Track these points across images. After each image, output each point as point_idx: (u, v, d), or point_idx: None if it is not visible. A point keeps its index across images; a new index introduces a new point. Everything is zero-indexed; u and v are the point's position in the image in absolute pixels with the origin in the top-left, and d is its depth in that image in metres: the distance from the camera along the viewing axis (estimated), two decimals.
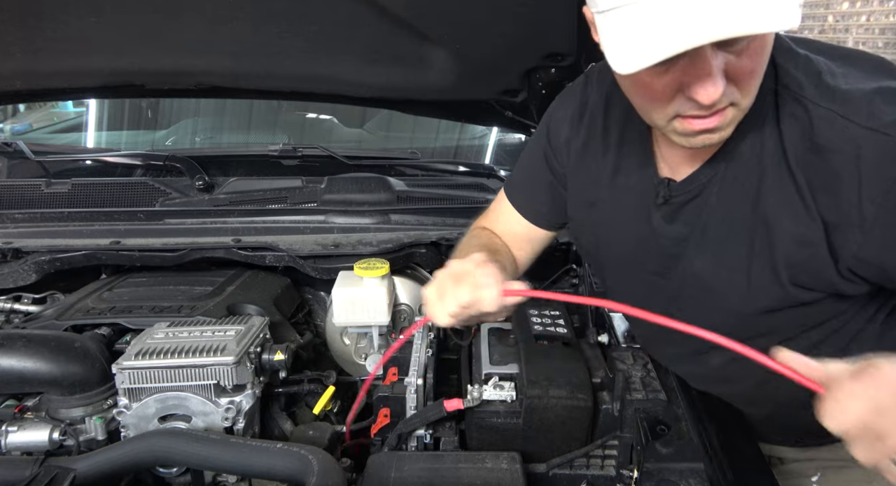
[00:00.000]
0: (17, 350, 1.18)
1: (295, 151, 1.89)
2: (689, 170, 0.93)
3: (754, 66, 0.75)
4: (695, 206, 0.93)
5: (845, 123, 0.77)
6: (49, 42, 1.53)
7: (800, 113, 0.81)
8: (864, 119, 0.76)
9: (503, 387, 1.14)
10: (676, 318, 1.07)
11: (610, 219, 1.07)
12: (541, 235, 1.24)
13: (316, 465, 0.94)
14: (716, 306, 0.97)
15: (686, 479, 0.99)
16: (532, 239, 1.24)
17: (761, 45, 0.74)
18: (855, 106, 0.78)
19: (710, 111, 0.77)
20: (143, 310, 1.40)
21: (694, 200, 0.93)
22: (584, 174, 1.10)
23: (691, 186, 0.93)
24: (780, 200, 0.83)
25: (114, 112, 2.40)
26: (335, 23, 1.46)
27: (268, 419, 1.31)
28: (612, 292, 1.23)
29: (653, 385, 1.17)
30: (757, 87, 0.79)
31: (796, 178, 0.82)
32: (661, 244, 1.00)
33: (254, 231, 1.71)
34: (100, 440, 1.18)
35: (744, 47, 0.72)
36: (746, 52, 0.73)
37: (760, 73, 0.77)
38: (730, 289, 0.94)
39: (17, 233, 1.69)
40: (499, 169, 1.94)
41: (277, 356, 1.25)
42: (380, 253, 1.59)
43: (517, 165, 1.28)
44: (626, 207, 1.03)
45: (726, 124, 0.81)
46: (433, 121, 2.23)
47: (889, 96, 0.77)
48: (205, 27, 1.49)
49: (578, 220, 1.16)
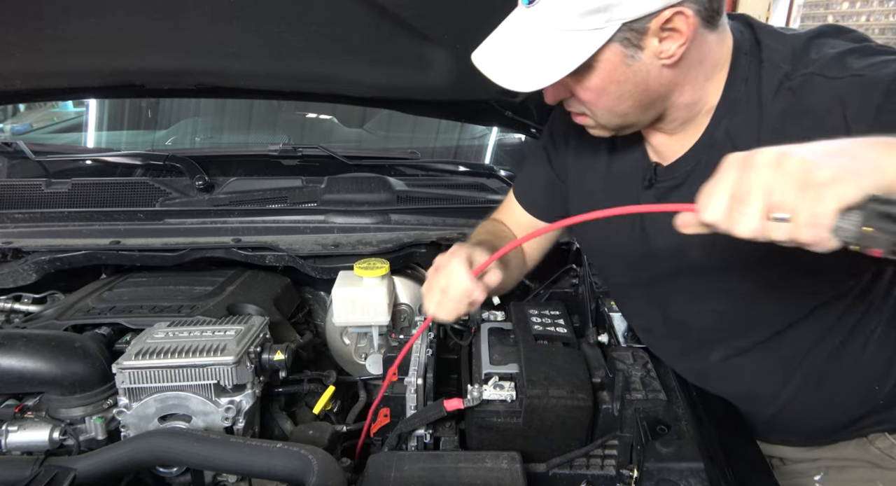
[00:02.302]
0: (17, 350, 1.18)
1: (295, 151, 1.89)
2: (674, 157, 1.00)
3: (588, 97, 0.92)
4: (681, 193, 0.98)
5: (823, 81, 0.83)
6: (49, 42, 1.53)
7: (785, 88, 0.87)
8: (840, 72, 0.82)
9: (503, 387, 1.14)
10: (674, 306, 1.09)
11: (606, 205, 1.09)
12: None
13: (316, 465, 0.94)
14: (710, 288, 1.00)
15: (686, 479, 0.99)
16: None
17: (588, 80, 0.89)
18: (831, 65, 0.84)
19: (568, 108, 0.98)
20: (143, 310, 1.40)
21: (680, 188, 0.99)
22: (582, 165, 1.16)
23: (676, 173, 1.00)
24: None
25: (114, 112, 2.39)
26: (335, 23, 1.46)
27: (268, 418, 1.31)
28: (612, 285, 1.24)
29: (653, 385, 1.17)
30: (610, 114, 0.94)
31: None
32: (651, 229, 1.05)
33: (254, 231, 1.71)
34: (100, 439, 1.18)
35: (578, 78, 0.89)
36: (578, 80, 0.89)
37: (600, 104, 0.92)
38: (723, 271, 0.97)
39: (17, 233, 1.69)
40: (499, 169, 1.94)
41: (277, 356, 1.25)
42: (380, 253, 1.59)
43: (525, 163, 1.36)
44: (620, 192, 1.09)
45: (592, 127, 1.00)
46: (433, 121, 2.23)
47: (861, 52, 0.84)
48: (205, 27, 1.49)
49: (578, 209, 1.17)
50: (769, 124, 0.89)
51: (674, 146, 1.00)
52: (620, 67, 0.87)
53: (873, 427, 1.11)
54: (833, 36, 0.91)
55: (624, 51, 0.85)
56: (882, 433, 1.11)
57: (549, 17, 0.85)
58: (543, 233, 1.15)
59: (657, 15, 0.81)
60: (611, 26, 0.82)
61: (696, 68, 0.91)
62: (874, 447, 1.11)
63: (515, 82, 0.88)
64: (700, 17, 0.84)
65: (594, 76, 0.88)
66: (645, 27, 0.82)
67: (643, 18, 0.81)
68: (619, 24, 0.82)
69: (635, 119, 0.96)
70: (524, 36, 0.88)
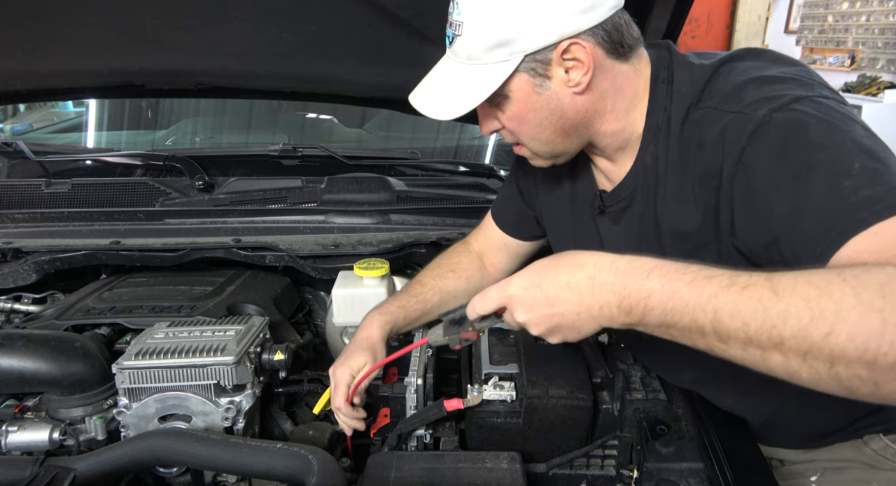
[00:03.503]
0: (17, 350, 1.18)
1: (295, 151, 1.89)
2: (618, 182, 1.05)
3: (512, 126, 0.98)
4: (630, 214, 1.04)
5: (718, 115, 0.86)
6: (49, 42, 1.53)
7: (689, 122, 0.91)
8: (732, 106, 0.84)
9: (503, 387, 1.14)
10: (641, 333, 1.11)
11: (573, 233, 1.19)
12: (514, 243, 1.37)
13: (316, 465, 0.94)
14: None
15: (686, 479, 0.99)
16: (507, 246, 1.37)
17: (508, 109, 0.95)
18: (729, 97, 0.86)
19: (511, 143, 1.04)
20: (143, 310, 1.40)
21: (628, 209, 1.04)
22: (550, 196, 1.22)
23: (620, 196, 1.04)
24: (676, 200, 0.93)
25: (114, 112, 2.39)
26: (335, 23, 1.46)
27: (268, 419, 1.31)
28: None
29: (653, 385, 1.17)
30: (535, 141, 0.99)
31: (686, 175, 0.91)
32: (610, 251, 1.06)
33: (254, 231, 1.71)
34: (100, 439, 1.18)
35: (503, 109, 0.96)
36: (502, 111, 0.96)
37: (524, 131, 0.98)
38: None
39: (17, 233, 1.69)
40: (499, 169, 1.94)
41: (277, 356, 1.25)
42: (380, 253, 1.59)
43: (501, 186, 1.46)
44: (582, 220, 1.15)
45: (529, 157, 1.05)
46: (433, 121, 2.21)
47: (761, 82, 0.85)
48: (205, 27, 1.49)
49: (552, 236, 1.29)
50: (675, 153, 0.93)
51: (617, 171, 1.05)
52: (532, 96, 0.93)
53: (868, 429, 1.11)
54: (742, 59, 0.93)
55: (532, 80, 0.91)
56: (877, 435, 1.11)
57: (463, 54, 0.92)
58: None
59: (555, 47, 0.88)
60: (515, 58, 0.89)
61: (613, 97, 0.95)
62: (868, 448, 1.11)
63: (438, 112, 0.96)
64: (602, 49, 0.91)
65: (512, 105, 0.94)
66: (548, 58, 0.89)
67: (543, 50, 0.88)
68: (521, 55, 0.89)
69: (562, 147, 1.00)
70: (446, 72, 0.97)
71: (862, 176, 0.72)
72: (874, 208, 0.69)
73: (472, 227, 1.52)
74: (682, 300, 0.69)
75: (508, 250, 1.38)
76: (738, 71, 0.90)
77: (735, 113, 0.83)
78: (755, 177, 0.79)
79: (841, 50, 6.78)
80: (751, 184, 0.80)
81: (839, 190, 0.72)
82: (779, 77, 0.86)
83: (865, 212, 0.69)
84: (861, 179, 0.71)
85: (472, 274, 1.36)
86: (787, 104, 0.80)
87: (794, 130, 0.77)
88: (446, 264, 1.38)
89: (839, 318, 0.60)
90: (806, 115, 0.78)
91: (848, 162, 0.73)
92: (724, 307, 0.66)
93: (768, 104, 0.81)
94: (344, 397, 1.15)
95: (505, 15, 0.86)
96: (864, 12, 6.37)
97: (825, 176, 0.73)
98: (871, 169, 0.72)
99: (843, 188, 0.71)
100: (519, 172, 1.31)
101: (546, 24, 0.86)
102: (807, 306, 0.62)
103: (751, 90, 0.85)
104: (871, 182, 0.71)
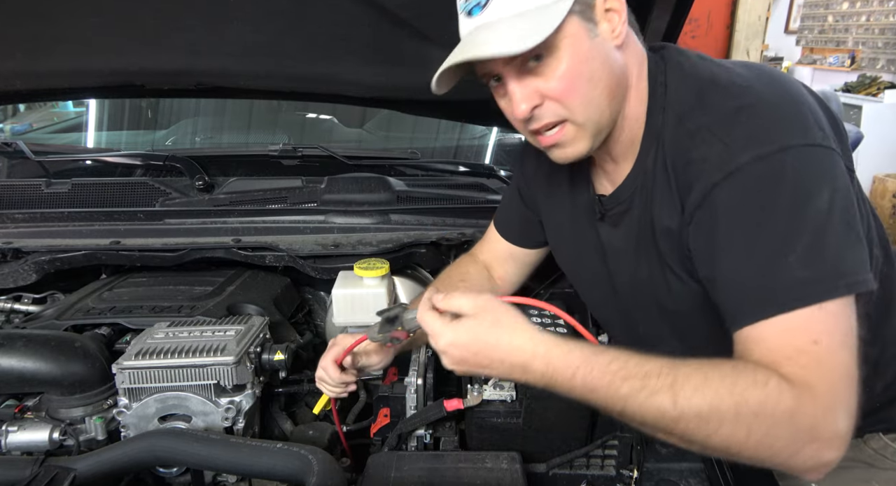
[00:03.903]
0: (17, 350, 1.18)
1: (295, 151, 1.88)
2: (614, 186, 1.04)
3: (563, 86, 0.89)
4: (630, 217, 1.02)
5: (709, 138, 0.86)
6: (49, 42, 1.53)
7: (682, 129, 0.90)
8: (723, 133, 0.85)
9: (503, 387, 1.14)
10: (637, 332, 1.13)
11: (573, 237, 1.18)
12: (521, 253, 1.35)
13: (316, 465, 0.94)
14: (660, 311, 1.04)
15: (686, 479, 0.99)
16: (514, 256, 1.36)
17: (557, 67, 0.87)
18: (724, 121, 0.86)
19: (542, 125, 0.93)
20: (143, 310, 1.40)
21: (628, 213, 1.02)
22: (552, 200, 1.21)
23: (620, 200, 1.03)
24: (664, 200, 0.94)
25: (114, 112, 2.39)
26: (335, 23, 1.46)
27: (268, 419, 1.31)
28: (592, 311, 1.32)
29: None
30: (587, 104, 0.91)
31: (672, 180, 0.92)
32: (610, 256, 1.10)
33: (254, 231, 1.71)
34: (100, 440, 1.18)
35: (541, 70, 0.88)
36: (546, 75, 0.88)
37: (576, 91, 0.89)
38: (661, 292, 1.00)
39: (17, 233, 1.69)
40: (499, 169, 1.94)
41: (277, 356, 1.25)
42: (380, 253, 1.59)
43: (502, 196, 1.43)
44: (582, 224, 1.14)
45: (569, 140, 0.95)
46: (433, 121, 2.23)
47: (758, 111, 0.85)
48: (205, 27, 1.49)
49: (553, 242, 1.28)
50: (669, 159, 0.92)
51: (614, 175, 1.05)
52: (586, 43, 0.88)
53: (868, 428, 1.11)
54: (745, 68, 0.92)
55: (584, 24, 0.88)
56: (876, 434, 1.11)
57: (509, 6, 0.87)
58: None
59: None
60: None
61: (636, 71, 0.95)
62: (868, 447, 1.12)
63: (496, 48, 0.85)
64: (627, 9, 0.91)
65: (563, 58, 0.87)
66: (593, 1, 0.88)
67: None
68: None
69: (607, 115, 0.94)
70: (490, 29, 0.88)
71: (805, 255, 0.79)
72: (801, 292, 0.78)
73: (473, 227, 1.52)
74: (598, 397, 0.83)
75: (516, 261, 1.36)
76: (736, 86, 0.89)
77: (723, 144, 0.84)
78: (716, 214, 0.84)
79: (841, 50, 6.78)
80: (710, 219, 0.85)
81: (779, 264, 0.79)
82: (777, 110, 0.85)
83: (791, 294, 0.78)
84: (803, 258, 0.78)
85: (482, 284, 1.34)
86: (772, 154, 0.81)
87: (766, 185, 0.81)
88: (456, 274, 1.36)
89: (718, 429, 0.77)
90: (784, 170, 0.81)
91: (798, 235, 0.79)
92: (630, 408, 0.81)
93: (755, 148, 0.82)
94: (334, 357, 1.14)
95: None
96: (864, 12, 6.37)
97: (772, 243, 0.80)
98: (817, 248, 0.79)
99: (782, 264, 0.79)
100: (520, 179, 1.31)
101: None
102: (696, 417, 0.77)
103: (744, 119, 0.85)
104: (810, 263, 0.78)
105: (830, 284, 0.78)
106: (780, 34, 7.68)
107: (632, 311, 1.11)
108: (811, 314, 0.77)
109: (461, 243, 1.67)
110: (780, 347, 0.78)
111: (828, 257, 0.79)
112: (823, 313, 0.77)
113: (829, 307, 0.78)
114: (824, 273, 0.78)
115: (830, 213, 0.80)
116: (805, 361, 0.77)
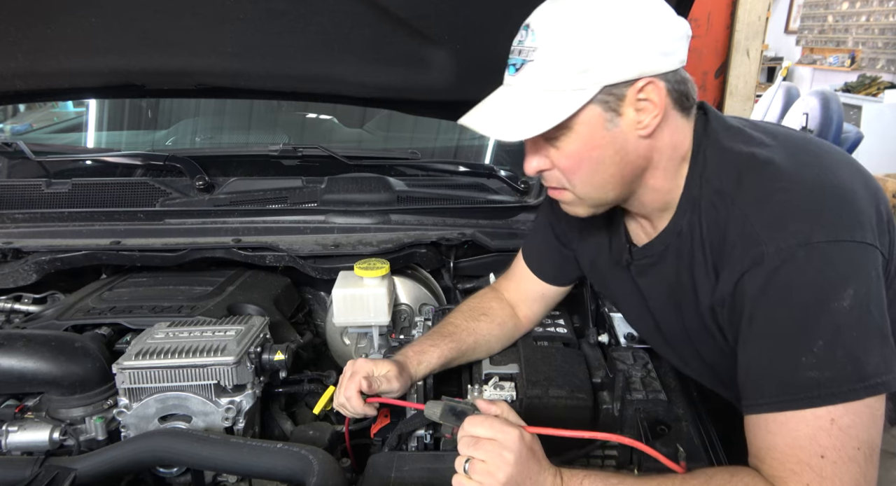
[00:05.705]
0: (17, 350, 1.18)
1: (295, 151, 1.88)
2: (647, 239, 1.05)
3: (569, 164, 0.93)
4: (658, 270, 1.04)
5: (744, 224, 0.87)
6: (49, 42, 1.53)
7: (721, 208, 0.91)
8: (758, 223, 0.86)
9: (503, 387, 1.14)
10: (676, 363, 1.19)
11: (612, 277, 1.18)
12: (553, 291, 1.34)
13: (316, 465, 0.94)
14: (694, 353, 1.07)
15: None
16: (545, 296, 1.35)
17: (568, 145, 0.91)
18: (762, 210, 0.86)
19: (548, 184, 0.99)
20: (143, 310, 1.40)
21: (657, 265, 1.04)
22: (587, 240, 1.21)
23: (650, 252, 1.04)
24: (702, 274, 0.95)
25: (114, 112, 2.39)
26: (335, 23, 1.46)
27: (268, 419, 1.31)
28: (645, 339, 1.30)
29: (653, 385, 1.17)
30: (588, 184, 0.95)
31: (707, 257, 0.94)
32: (644, 300, 1.11)
33: (254, 231, 1.71)
34: (100, 440, 1.18)
35: (556, 142, 0.91)
36: (559, 148, 0.92)
37: (580, 171, 0.93)
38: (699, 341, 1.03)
39: (18, 233, 1.69)
40: (499, 169, 1.94)
41: (277, 356, 1.25)
42: (380, 253, 1.59)
43: (531, 229, 1.43)
44: (615, 266, 1.14)
45: (568, 204, 1.01)
46: (433, 121, 2.23)
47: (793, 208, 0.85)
48: (205, 27, 1.49)
49: (592, 278, 1.30)
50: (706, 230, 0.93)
51: (648, 228, 1.05)
52: (600, 131, 0.89)
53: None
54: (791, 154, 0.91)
55: (604, 114, 0.89)
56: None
57: (535, 80, 0.89)
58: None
59: (633, 83, 0.87)
60: (592, 88, 0.86)
61: (669, 152, 0.94)
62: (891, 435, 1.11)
63: (501, 133, 0.92)
64: (671, 97, 0.90)
65: (574, 140, 0.90)
66: (623, 93, 0.87)
67: (621, 84, 0.87)
68: (599, 86, 0.86)
69: (613, 194, 0.97)
70: (509, 98, 0.92)
71: (819, 356, 0.80)
72: (810, 393, 0.80)
73: (473, 227, 1.51)
74: None
75: (546, 300, 1.35)
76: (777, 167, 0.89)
77: (753, 230, 0.85)
78: (743, 302, 0.87)
79: (841, 50, 6.78)
80: (738, 305, 0.88)
81: (793, 363, 0.81)
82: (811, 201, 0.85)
83: (801, 394, 0.80)
84: (817, 360, 0.80)
85: (504, 321, 1.32)
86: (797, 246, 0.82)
87: (786, 280, 0.82)
88: (477, 307, 1.34)
89: None
90: (807, 266, 0.81)
91: (813, 336, 0.81)
92: None
93: (781, 240, 0.83)
94: (357, 388, 1.09)
95: (590, 42, 0.85)
96: (864, 12, 6.37)
97: (787, 343, 0.83)
98: (830, 351, 0.80)
99: (797, 363, 0.81)
100: (552, 217, 1.28)
101: (629, 58, 0.85)
102: None
103: (776, 206, 0.86)
104: (823, 366, 0.80)
105: (846, 386, 0.79)
106: (780, 34, 7.68)
107: (677, 348, 1.12)
108: (823, 416, 0.79)
109: (461, 243, 1.67)
110: (786, 458, 0.81)
111: (844, 359, 0.80)
112: (836, 418, 0.79)
113: (844, 409, 0.79)
114: (839, 375, 0.79)
115: (852, 312, 0.80)
116: (809, 478, 0.79)
